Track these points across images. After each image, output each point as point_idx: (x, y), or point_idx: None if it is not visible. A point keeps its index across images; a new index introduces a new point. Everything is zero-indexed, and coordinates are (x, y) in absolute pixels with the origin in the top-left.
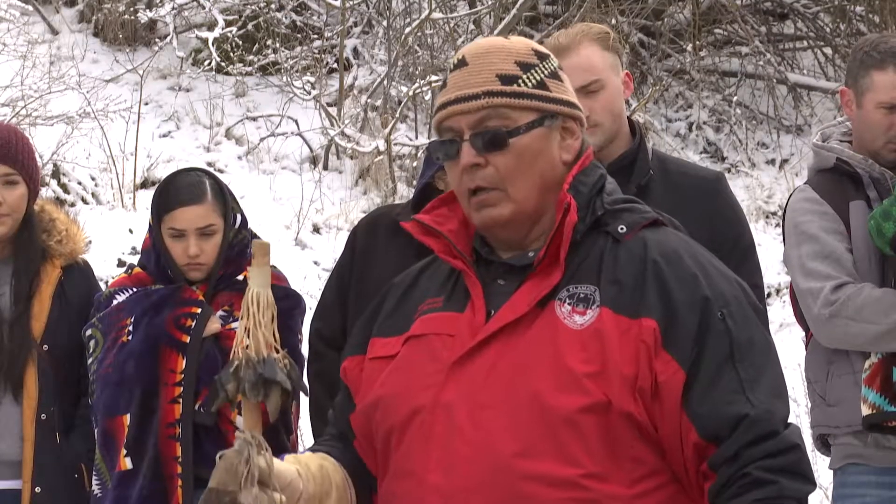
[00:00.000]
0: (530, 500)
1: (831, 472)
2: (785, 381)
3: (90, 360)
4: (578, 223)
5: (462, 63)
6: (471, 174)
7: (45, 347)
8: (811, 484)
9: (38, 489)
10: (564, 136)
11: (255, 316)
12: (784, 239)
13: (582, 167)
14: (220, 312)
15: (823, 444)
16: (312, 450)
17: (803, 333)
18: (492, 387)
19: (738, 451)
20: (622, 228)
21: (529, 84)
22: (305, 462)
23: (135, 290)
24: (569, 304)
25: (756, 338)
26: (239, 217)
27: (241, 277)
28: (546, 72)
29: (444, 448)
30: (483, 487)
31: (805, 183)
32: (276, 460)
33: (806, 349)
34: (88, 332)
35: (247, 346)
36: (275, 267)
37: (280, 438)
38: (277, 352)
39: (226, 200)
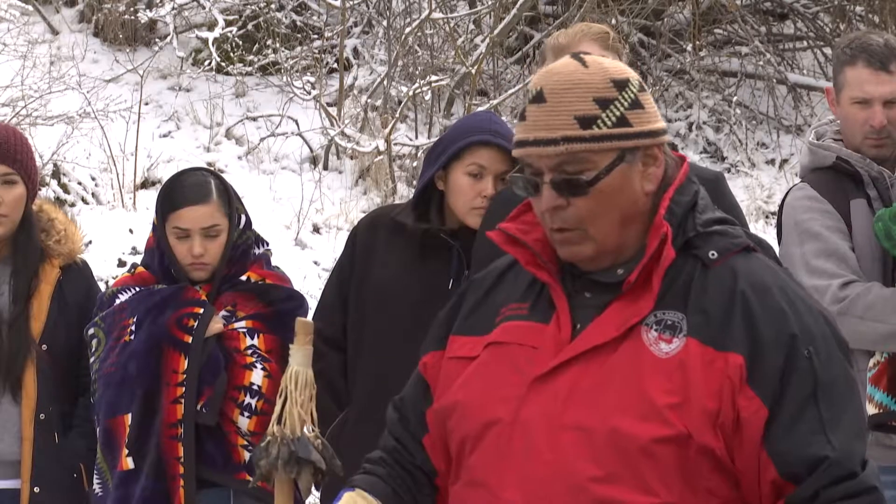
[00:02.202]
0: None
1: None
2: (864, 418)
3: (92, 359)
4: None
5: (540, 98)
6: (553, 215)
7: (44, 347)
8: None
9: (36, 489)
10: (647, 165)
11: (293, 394)
12: (780, 236)
13: (678, 186)
14: (222, 313)
15: None
16: (350, 486)
17: None
18: (571, 408)
19: (816, 491)
20: (713, 255)
21: (609, 123)
22: None
23: (138, 289)
24: (655, 330)
25: (840, 377)
26: (243, 217)
27: (244, 278)
28: (626, 104)
29: (521, 466)
30: None
31: (802, 181)
32: None
33: None
34: (91, 330)
35: (282, 424)
36: (277, 268)
37: None
38: (313, 432)
39: (231, 201)
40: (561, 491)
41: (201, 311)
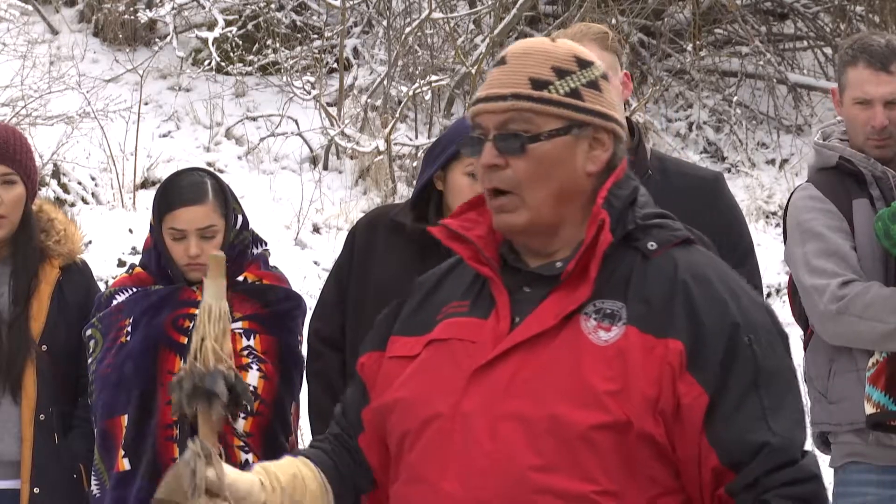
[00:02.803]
0: None
1: (831, 470)
2: (804, 407)
3: (90, 360)
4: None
5: (502, 61)
6: (490, 174)
7: (44, 348)
8: None
9: (36, 489)
10: (593, 147)
11: (206, 327)
12: (785, 237)
13: (616, 179)
14: None
15: (824, 442)
16: (294, 454)
17: (801, 332)
18: (511, 398)
19: (757, 478)
20: (652, 245)
21: (561, 91)
22: (274, 472)
23: (135, 290)
24: (595, 319)
25: (781, 365)
26: (240, 218)
27: (241, 278)
28: (583, 80)
29: (462, 458)
30: (498, 499)
31: (807, 181)
32: (233, 470)
33: (804, 347)
34: (88, 331)
35: (196, 358)
36: (276, 268)
37: (278, 440)
38: (225, 363)
39: (227, 201)
40: (500, 481)
41: (197, 311)
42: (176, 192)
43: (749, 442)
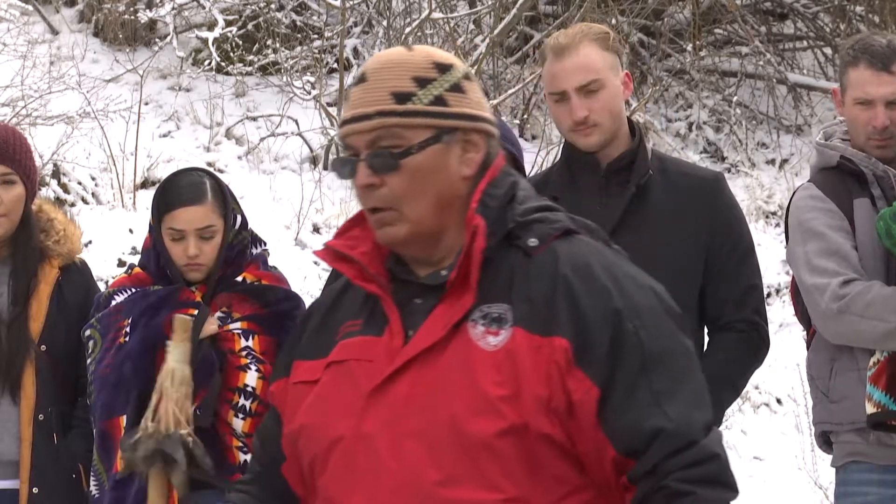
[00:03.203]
0: None
1: (832, 470)
2: (704, 385)
3: (89, 361)
4: (489, 238)
5: (362, 79)
6: (367, 194)
7: (43, 348)
8: (732, 491)
9: (35, 489)
10: (466, 150)
11: (168, 391)
12: (787, 237)
13: (491, 179)
14: (218, 314)
15: (825, 441)
16: (226, 501)
17: (804, 332)
18: (410, 415)
19: (655, 464)
20: (533, 242)
21: (425, 100)
22: None
23: (134, 290)
24: (482, 324)
25: (671, 347)
26: (239, 218)
27: (240, 278)
28: (446, 86)
29: (369, 478)
30: None
31: (808, 181)
32: None
33: (807, 347)
34: (87, 332)
35: (155, 420)
36: (275, 268)
37: None
38: (186, 430)
39: (226, 201)
40: (408, 499)
41: (196, 312)
42: (175, 192)
43: (643, 429)
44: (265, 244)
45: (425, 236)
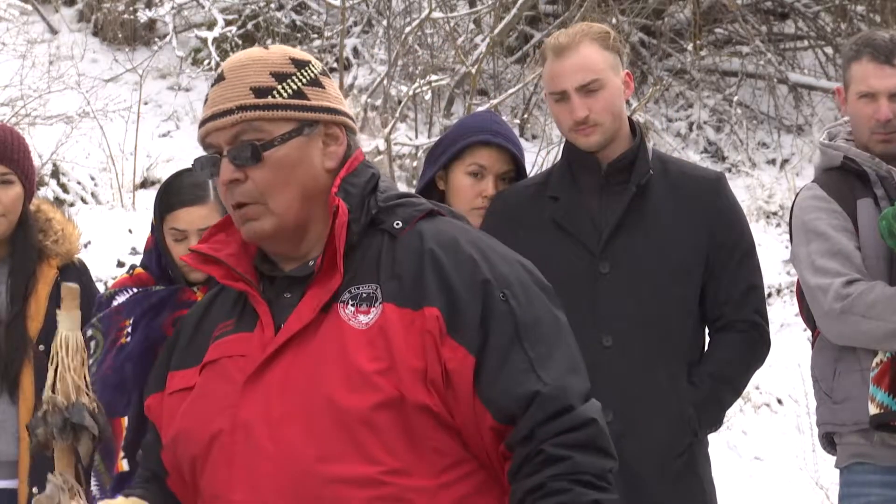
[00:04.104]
0: (336, 503)
1: (837, 472)
2: (580, 356)
3: (90, 361)
4: (353, 224)
5: (220, 78)
6: (232, 189)
7: (41, 347)
8: (609, 458)
9: (34, 489)
10: (327, 143)
11: (65, 360)
12: (791, 237)
13: (350, 170)
14: None
15: (829, 442)
16: (126, 494)
17: (809, 333)
18: (286, 399)
19: (532, 429)
20: (398, 224)
21: (285, 95)
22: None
23: (136, 290)
24: (352, 305)
25: (543, 316)
26: None
27: None
28: (304, 80)
29: (247, 466)
30: (286, 497)
31: (812, 181)
32: None
33: (812, 347)
34: (89, 332)
35: (54, 391)
36: None
37: None
38: (88, 396)
39: None
40: (287, 481)
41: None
42: (177, 192)
43: (519, 394)
44: None
45: (291, 230)
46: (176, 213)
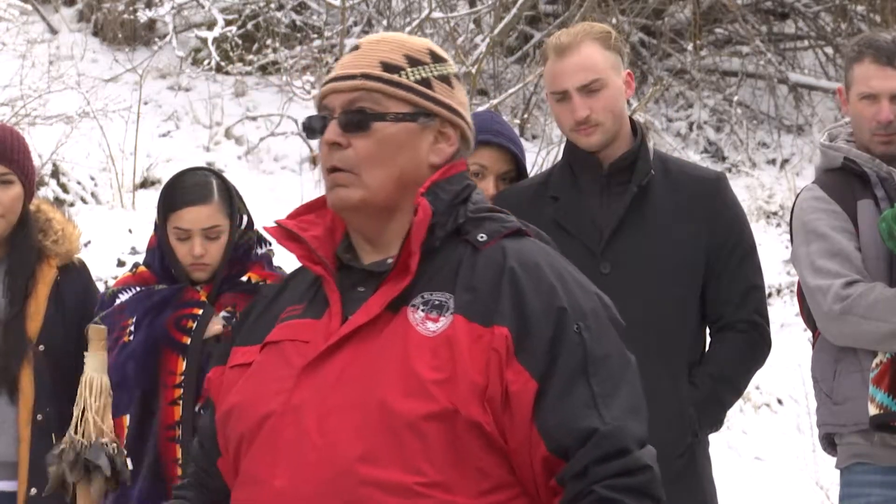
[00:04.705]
0: None
1: (837, 472)
2: (643, 399)
3: None
4: (437, 228)
5: (355, 48)
6: (331, 152)
7: (41, 348)
8: None
9: (33, 490)
10: (438, 140)
11: (88, 401)
12: (791, 238)
13: (446, 175)
14: (222, 314)
15: (829, 443)
16: None
17: (809, 333)
18: (341, 391)
19: (586, 466)
20: (482, 237)
21: (412, 78)
22: None
23: (138, 289)
24: (422, 310)
25: (613, 353)
26: (245, 218)
27: (245, 278)
28: (436, 73)
29: (292, 452)
30: (324, 492)
31: (813, 182)
32: None
33: (812, 348)
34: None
35: (76, 431)
36: (279, 268)
37: None
38: (107, 437)
39: (232, 201)
40: (327, 474)
41: (200, 312)
42: (180, 191)
43: (577, 429)
44: (270, 244)
45: (377, 209)
46: (179, 212)
